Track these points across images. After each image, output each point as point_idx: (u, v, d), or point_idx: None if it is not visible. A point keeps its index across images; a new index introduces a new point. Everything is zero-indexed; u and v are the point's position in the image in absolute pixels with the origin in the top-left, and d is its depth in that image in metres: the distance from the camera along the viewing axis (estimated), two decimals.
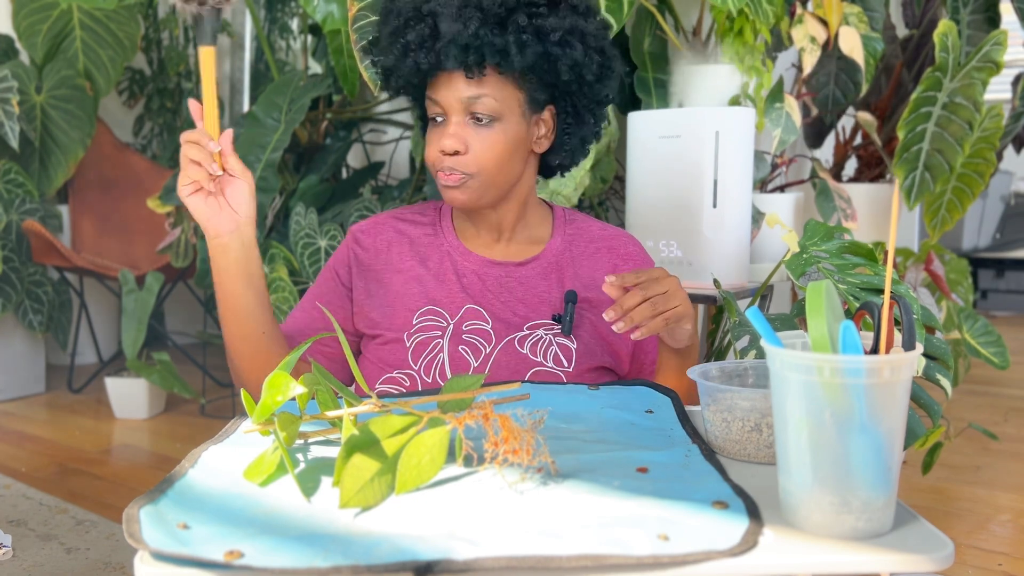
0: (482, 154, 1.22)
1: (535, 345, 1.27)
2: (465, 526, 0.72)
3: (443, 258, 1.32)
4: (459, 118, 1.21)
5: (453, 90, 1.20)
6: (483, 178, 1.23)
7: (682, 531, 0.70)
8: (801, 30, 2.24)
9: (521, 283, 1.30)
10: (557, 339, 1.28)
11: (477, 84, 1.20)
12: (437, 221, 1.36)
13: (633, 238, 1.40)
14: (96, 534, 2.11)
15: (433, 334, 1.27)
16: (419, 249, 1.33)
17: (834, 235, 1.45)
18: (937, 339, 1.40)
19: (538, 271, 1.32)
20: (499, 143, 1.22)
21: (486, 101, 1.20)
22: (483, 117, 1.21)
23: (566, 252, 1.34)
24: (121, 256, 3.73)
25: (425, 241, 1.34)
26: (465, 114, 1.21)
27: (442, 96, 1.21)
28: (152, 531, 0.71)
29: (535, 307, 1.30)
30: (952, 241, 5.42)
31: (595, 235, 1.37)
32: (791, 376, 0.72)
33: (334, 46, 2.87)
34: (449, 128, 1.22)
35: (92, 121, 3.52)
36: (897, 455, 0.73)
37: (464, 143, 1.21)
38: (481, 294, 1.30)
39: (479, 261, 1.31)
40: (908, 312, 0.76)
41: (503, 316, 1.29)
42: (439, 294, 1.29)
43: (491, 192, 1.26)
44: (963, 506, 2.30)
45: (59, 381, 3.74)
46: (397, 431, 0.83)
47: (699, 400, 0.96)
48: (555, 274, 1.32)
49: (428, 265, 1.32)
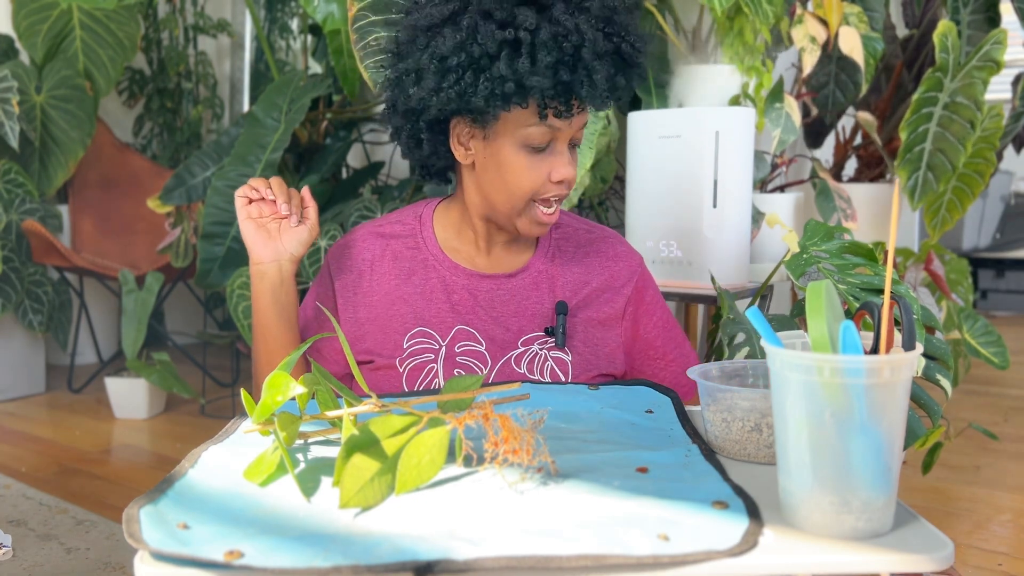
0: (575, 178, 1.21)
1: (531, 362, 1.25)
2: (465, 526, 0.72)
3: (429, 272, 1.27)
4: (565, 146, 1.19)
5: (578, 120, 1.17)
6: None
7: (682, 531, 0.70)
8: (801, 30, 2.24)
9: (512, 296, 1.27)
10: (552, 353, 1.25)
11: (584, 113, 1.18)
12: (418, 231, 1.30)
13: (620, 237, 1.37)
14: (96, 534, 2.11)
15: (426, 357, 1.24)
16: (403, 264, 1.28)
17: (834, 235, 1.45)
18: (937, 339, 1.40)
19: (528, 282, 1.28)
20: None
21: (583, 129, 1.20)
22: (578, 143, 1.21)
23: (555, 259, 1.31)
24: (121, 256, 3.74)
25: (408, 255, 1.29)
26: (568, 142, 1.19)
27: (562, 123, 1.15)
28: (152, 531, 0.71)
29: (528, 319, 1.26)
30: (952, 241, 5.42)
31: (582, 239, 1.33)
32: (791, 376, 0.72)
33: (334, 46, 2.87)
34: (563, 156, 1.18)
35: (92, 121, 3.53)
36: (897, 455, 0.73)
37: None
38: (472, 311, 1.26)
39: (468, 275, 1.27)
40: (908, 312, 0.76)
41: (495, 334, 1.25)
42: (428, 314, 1.26)
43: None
44: (963, 506, 2.30)
45: (59, 381, 3.75)
46: (397, 431, 0.83)
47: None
48: (546, 283, 1.29)
49: (413, 281, 1.27)
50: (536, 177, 1.17)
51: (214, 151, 3.18)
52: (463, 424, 0.84)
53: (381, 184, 3.68)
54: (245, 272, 2.65)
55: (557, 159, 1.17)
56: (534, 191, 1.18)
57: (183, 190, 3.11)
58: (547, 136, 1.15)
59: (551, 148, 1.17)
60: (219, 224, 2.84)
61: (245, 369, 3.82)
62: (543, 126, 1.14)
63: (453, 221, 1.30)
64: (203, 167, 3.14)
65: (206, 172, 3.13)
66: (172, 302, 4.20)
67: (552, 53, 1.08)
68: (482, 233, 1.27)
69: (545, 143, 1.16)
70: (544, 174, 1.17)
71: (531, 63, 1.08)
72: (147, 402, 3.20)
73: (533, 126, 1.14)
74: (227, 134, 3.22)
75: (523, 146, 1.16)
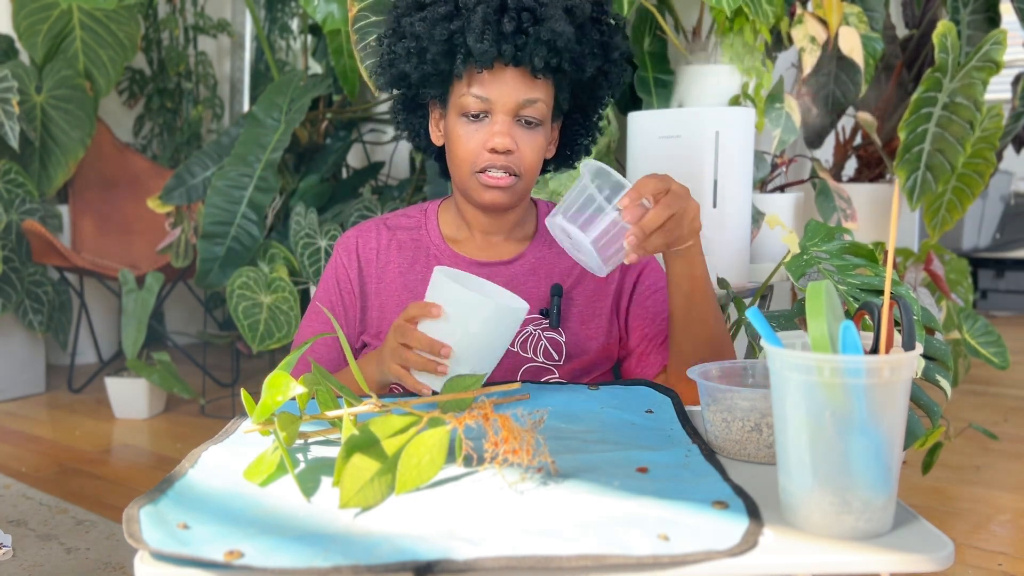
0: (528, 156, 1.22)
1: (524, 342, 1.29)
2: (465, 526, 0.72)
3: (429, 260, 1.32)
4: (506, 118, 1.20)
5: (511, 89, 1.19)
6: (525, 181, 1.24)
7: (682, 531, 0.70)
8: (801, 30, 2.24)
9: (509, 281, 1.30)
10: (546, 333, 1.29)
11: (533, 87, 1.20)
12: (423, 223, 1.36)
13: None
14: (96, 534, 2.11)
15: None
16: (406, 253, 1.33)
17: (834, 236, 1.45)
18: (937, 340, 1.40)
19: (525, 268, 1.32)
20: (540, 147, 1.24)
21: (539, 106, 1.21)
22: (532, 121, 1.21)
23: (553, 245, 1.34)
24: (121, 256, 3.74)
25: (411, 244, 1.34)
26: (513, 115, 1.21)
27: (494, 92, 1.19)
28: (152, 531, 0.71)
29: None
30: (952, 241, 5.42)
31: None
32: (791, 376, 0.72)
33: (334, 46, 2.87)
34: (496, 126, 1.20)
35: (92, 121, 3.53)
36: (897, 455, 0.73)
37: (515, 143, 1.21)
38: None
39: (465, 262, 1.31)
40: (908, 312, 0.76)
41: None
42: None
43: (525, 196, 1.28)
44: (963, 506, 2.30)
45: (59, 381, 3.75)
46: (397, 431, 0.83)
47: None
48: (543, 269, 1.33)
49: (415, 269, 1.32)
50: (472, 146, 1.22)
51: (214, 151, 3.18)
52: (463, 424, 0.84)
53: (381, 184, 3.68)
54: (245, 272, 2.65)
55: (492, 128, 1.20)
56: (471, 161, 1.22)
57: (183, 190, 3.11)
58: (479, 105, 1.20)
59: (489, 119, 1.21)
60: (219, 224, 2.84)
61: (245, 369, 3.82)
62: (470, 95, 1.20)
63: (453, 215, 1.35)
64: (203, 167, 3.14)
65: (206, 172, 3.13)
66: (172, 302, 4.21)
67: (442, 7, 1.17)
68: (473, 220, 1.32)
69: (478, 111, 1.20)
70: (480, 142, 1.21)
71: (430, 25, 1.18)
72: (147, 402, 3.20)
73: (464, 95, 1.20)
74: (227, 134, 3.22)
75: (461, 115, 1.22)
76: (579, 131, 1.34)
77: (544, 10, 1.15)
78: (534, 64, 1.17)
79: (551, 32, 1.15)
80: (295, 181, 3.28)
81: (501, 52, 1.16)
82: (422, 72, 1.22)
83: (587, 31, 1.21)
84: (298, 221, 2.67)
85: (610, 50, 1.24)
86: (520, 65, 1.18)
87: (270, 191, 2.86)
